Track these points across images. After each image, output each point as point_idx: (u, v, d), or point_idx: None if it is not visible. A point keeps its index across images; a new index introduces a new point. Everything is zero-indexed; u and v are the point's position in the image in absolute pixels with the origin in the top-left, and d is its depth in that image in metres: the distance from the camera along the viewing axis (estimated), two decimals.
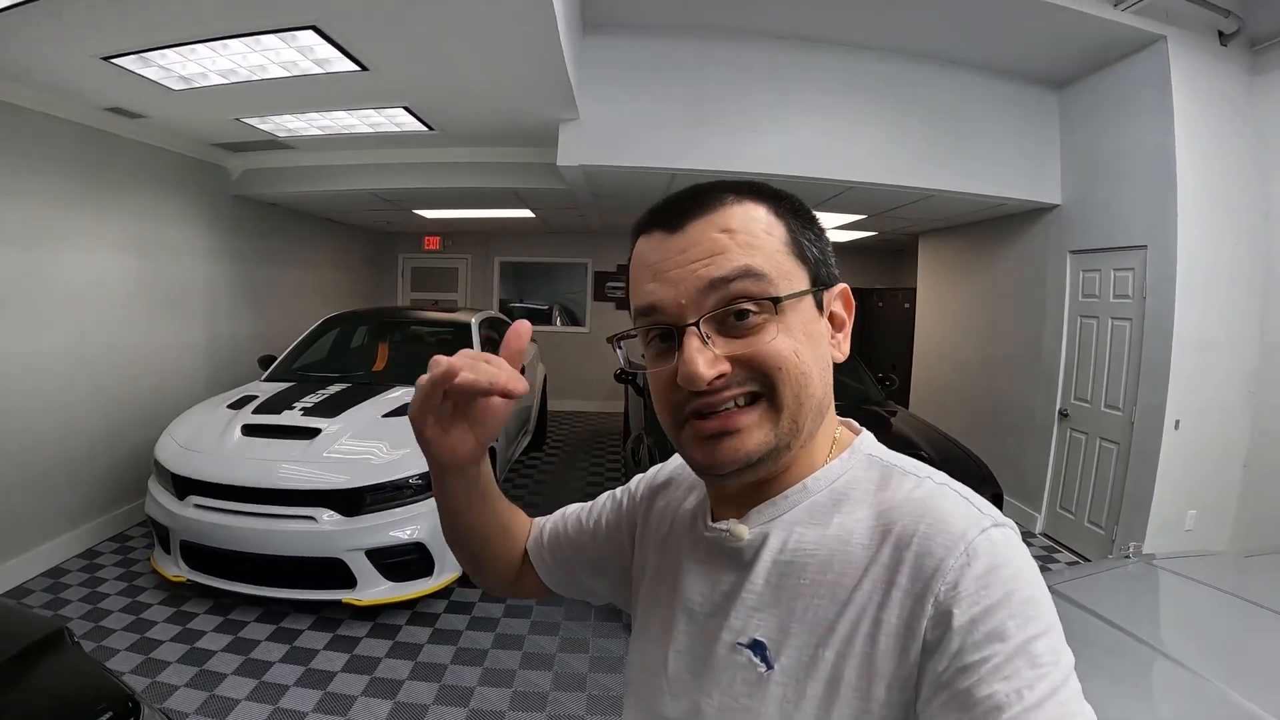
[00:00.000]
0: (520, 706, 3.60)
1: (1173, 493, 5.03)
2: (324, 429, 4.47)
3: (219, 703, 3.48)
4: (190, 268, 6.33)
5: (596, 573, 1.15)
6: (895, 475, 0.81)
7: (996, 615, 0.65)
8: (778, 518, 0.83)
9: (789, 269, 0.80)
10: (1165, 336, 4.95)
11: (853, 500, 0.81)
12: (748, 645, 0.80)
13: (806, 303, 0.81)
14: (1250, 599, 2.36)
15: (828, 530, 0.79)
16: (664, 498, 1.07)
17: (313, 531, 4.06)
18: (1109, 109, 5.42)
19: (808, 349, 0.79)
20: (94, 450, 5.26)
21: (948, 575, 0.68)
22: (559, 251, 11.53)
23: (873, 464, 0.84)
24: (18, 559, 4.62)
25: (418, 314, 7.50)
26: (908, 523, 0.74)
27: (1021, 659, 0.63)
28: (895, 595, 0.71)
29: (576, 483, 7.47)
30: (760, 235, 0.80)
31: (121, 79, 4.19)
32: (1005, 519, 0.74)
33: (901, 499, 0.77)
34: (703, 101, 5.20)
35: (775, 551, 0.82)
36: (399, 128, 5.42)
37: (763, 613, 0.81)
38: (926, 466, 0.83)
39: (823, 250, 0.85)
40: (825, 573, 0.77)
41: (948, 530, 0.71)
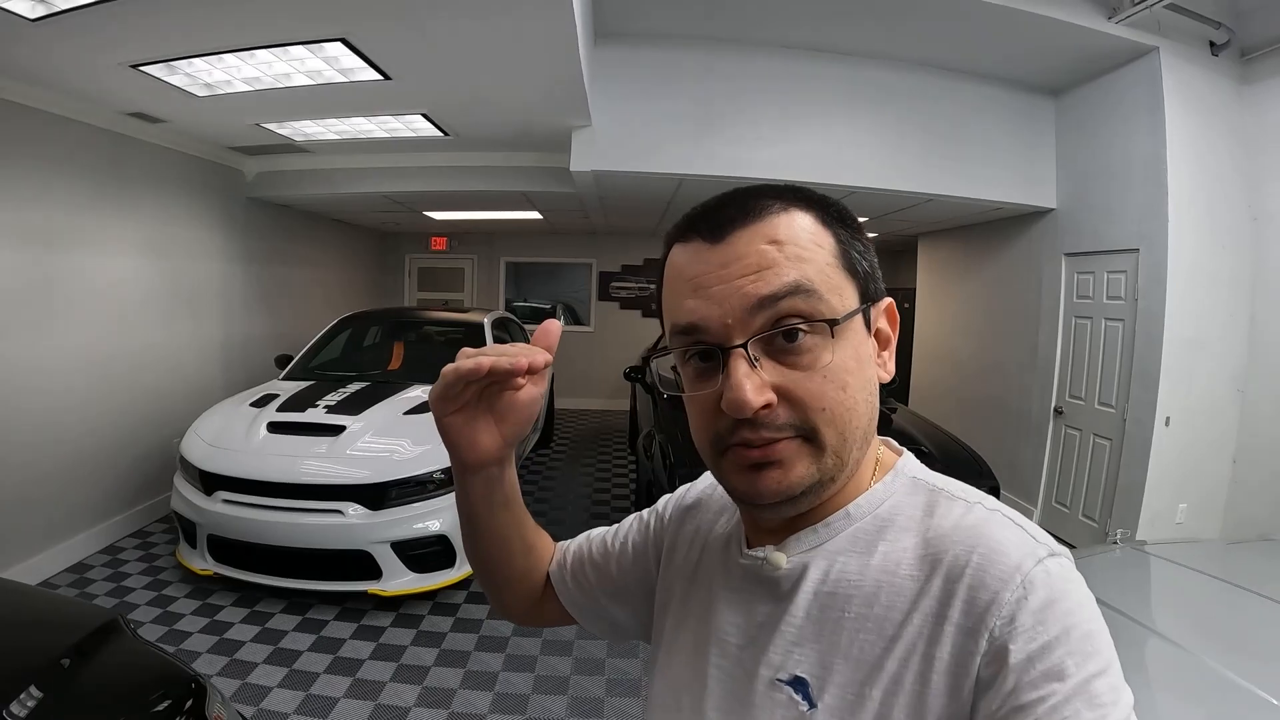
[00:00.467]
0: (543, 690, 3.75)
1: (1164, 487, 5.19)
2: (348, 426, 4.61)
3: (252, 689, 3.61)
4: (205, 269, 6.43)
5: (619, 599, 1.08)
6: (943, 500, 0.77)
7: (1054, 652, 0.62)
8: (819, 546, 0.78)
9: (839, 284, 0.74)
10: (1157, 336, 5.11)
11: (898, 527, 0.76)
12: (788, 682, 0.75)
13: (856, 322, 0.75)
14: (1232, 581, 2.54)
15: (872, 559, 0.75)
16: (693, 521, 1.01)
17: (340, 525, 4.20)
18: (1103, 116, 5.58)
19: (856, 375, 0.73)
20: (114, 447, 5.36)
21: (1003, 609, 0.64)
22: (563, 252, 11.64)
23: (918, 488, 0.79)
24: (41, 555, 4.71)
25: (431, 314, 7.63)
26: (959, 553, 0.69)
27: (1080, 699, 0.60)
28: (947, 630, 0.67)
29: (584, 479, 7.60)
30: (809, 246, 0.74)
31: (148, 85, 4.30)
32: (1060, 547, 0.70)
33: (951, 526, 0.73)
34: (710, 109, 5.34)
35: (817, 582, 0.77)
36: (415, 133, 5.54)
37: (803, 647, 0.76)
38: (974, 490, 0.78)
39: (872, 263, 0.79)
40: (871, 605, 0.72)
41: (1002, 561, 0.67)
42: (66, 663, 1.93)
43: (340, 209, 8.49)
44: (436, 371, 0.77)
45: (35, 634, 2.08)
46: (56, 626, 2.13)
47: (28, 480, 4.61)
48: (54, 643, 1.99)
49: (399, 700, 3.60)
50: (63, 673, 1.89)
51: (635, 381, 7.22)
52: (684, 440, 4.78)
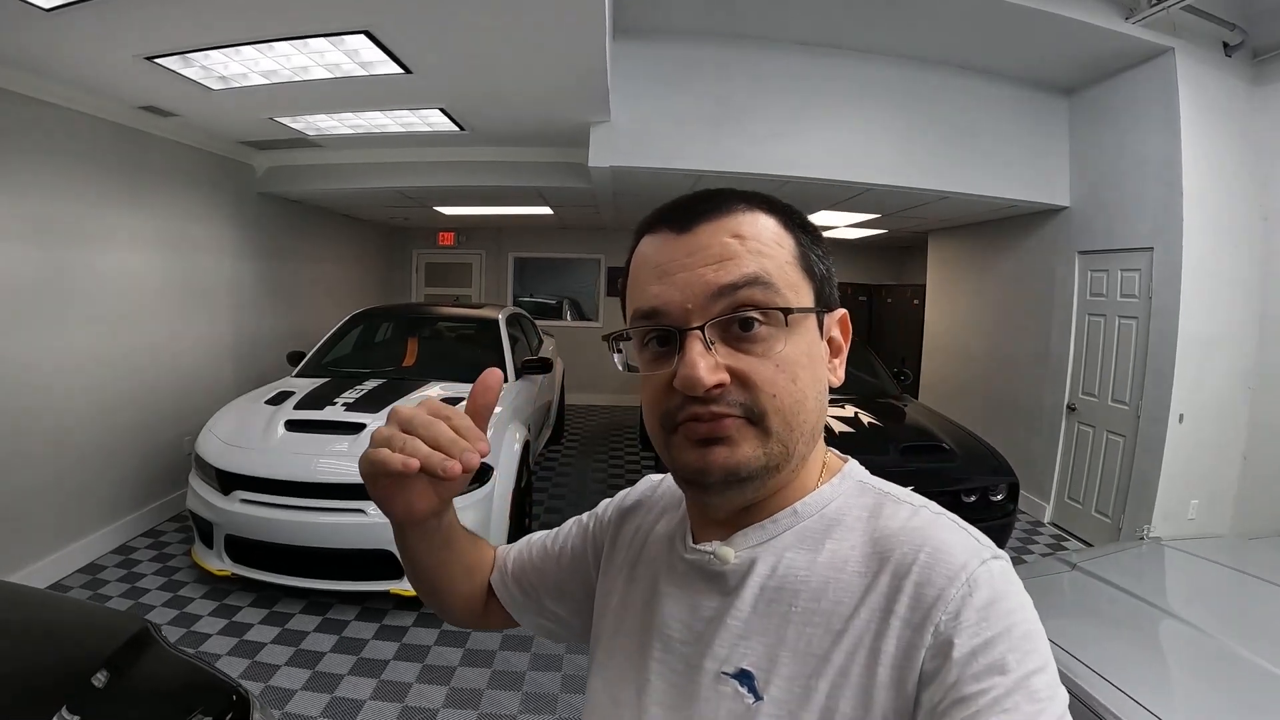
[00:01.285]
0: (571, 689, 3.73)
1: (1176, 483, 5.23)
2: (369, 424, 4.55)
3: (276, 692, 3.57)
4: (216, 264, 6.38)
5: (561, 600, 1.09)
6: (889, 503, 0.79)
7: (997, 648, 0.64)
8: (766, 541, 0.80)
9: (797, 282, 0.77)
10: (1170, 334, 5.14)
11: (845, 526, 0.78)
12: (734, 675, 0.77)
13: (810, 322, 0.78)
14: (1251, 573, 2.67)
15: (819, 556, 0.77)
16: (633, 522, 1.03)
17: (362, 524, 4.15)
18: (1117, 115, 5.60)
19: (807, 370, 0.76)
20: (126, 446, 5.30)
21: (949, 605, 0.67)
22: (572, 247, 11.62)
23: (864, 490, 0.82)
24: (54, 555, 4.66)
25: (444, 310, 7.58)
26: (907, 551, 0.72)
27: (1021, 693, 0.62)
28: (894, 624, 0.69)
29: (597, 473, 7.60)
30: (770, 244, 0.77)
31: (161, 78, 4.24)
32: (1001, 551, 0.73)
33: (899, 527, 0.75)
34: (726, 105, 5.33)
35: (764, 576, 0.78)
36: (430, 127, 5.51)
37: (750, 640, 0.77)
38: (917, 495, 0.81)
39: (828, 270, 0.82)
40: (819, 600, 0.74)
41: (949, 560, 0.70)
42: (100, 680, 1.79)
43: (350, 204, 8.45)
44: (454, 368, 0.73)
45: (62, 647, 1.94)
46: (83, 638, 2.00)
47: (37, 479, 4.55)
48: (83, 657, 1.87)
49: (427, 701, 3.56)
50: (96, 691, 1.76)
51: None
52: None
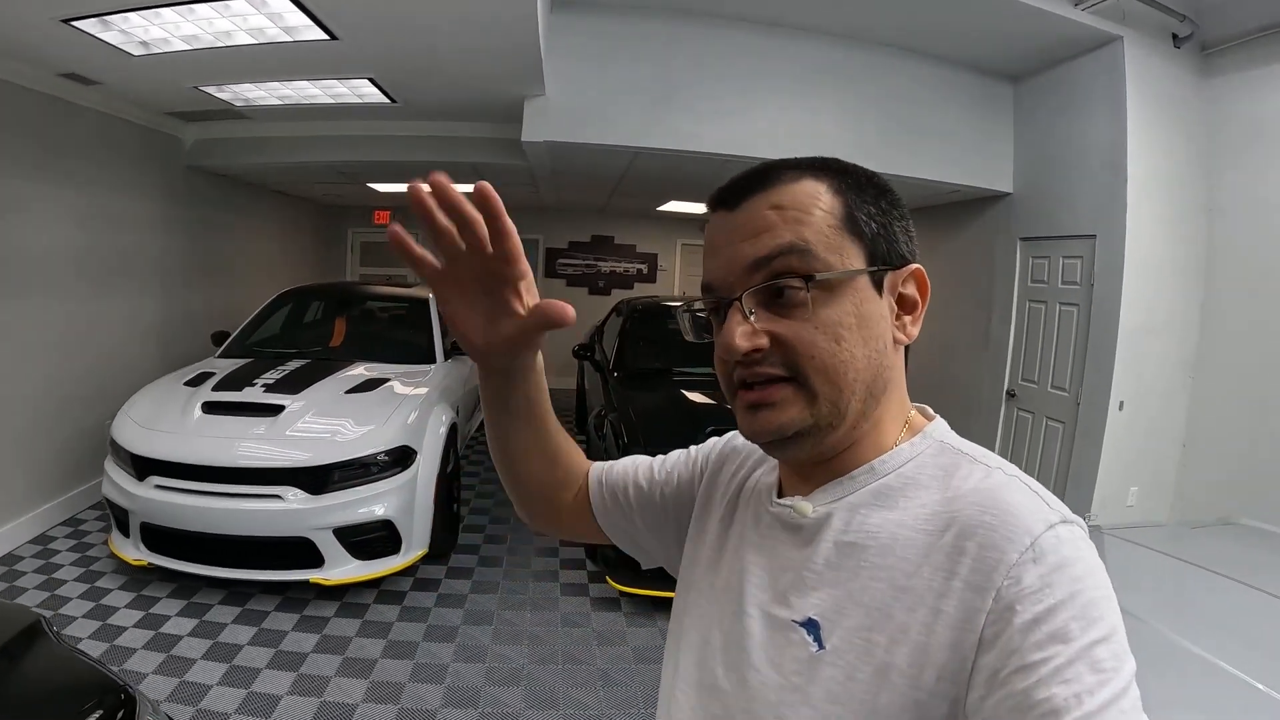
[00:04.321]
0: (496, 681, 3.62)
1: (1116, 470, 5.25)
2: (287, 406, 4.39)
3: (191, 688, 3.42)
4: (141, 240, 6.15)
5: (654, 524, 1.12)
6: (965, 463, 0.79)
7: (1060, 615, 0.63)
8: (843, 498, 0.81)
9: (839, 245, 0.78)
10: (1111, 322, 5.14)
11: (920, 485, 0.79)
12: (802, 623, 0.78)
13: (860, 282, 0.79)
14: (1193, 561, 2.63)
15: (892, 514, 0.77)
16: (732, 465, 1.05)
17: (279, 510, 4.00)
18: (1063, 103, 5.57)
19: (855, 331, 0.77)
20: (43, 430, 5.09)
21: (1011, 570, 0.66)
22: None
23: (944, 450, 0.82)
24: None
25: (374, 289, 7.42)
26: (973, 513, 0.72)
27: (1083, 663, 0.61)
28: (955, 585, 0.69)
29: None
30: (811, 211, 0.78)
31: (80, 43, 4.03)
32: (1075, 516, 0.71)
33: (970, 488, 0.75)
34: (668, 82, 5.21)
35: (838, 531, 0.80)
36: (361, 99, 5.33)
37: (820, 592, 0.78)
38: (995, 455, 0.80)
39: (886, 226, 0.81)
40: (886, 556, 0.75)
41: (1014, 524, 0.69)
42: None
43: (282, 179, 8.27)
44: (380, 348, 0.73)
45: None
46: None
47: None
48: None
49: (346, 696, 3.43)
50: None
51: (584, 360, 7.08)
52: (637, 419, 4.66)
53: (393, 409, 4.53)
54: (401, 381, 5.00)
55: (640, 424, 4.64)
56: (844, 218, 0.79)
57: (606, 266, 11.87)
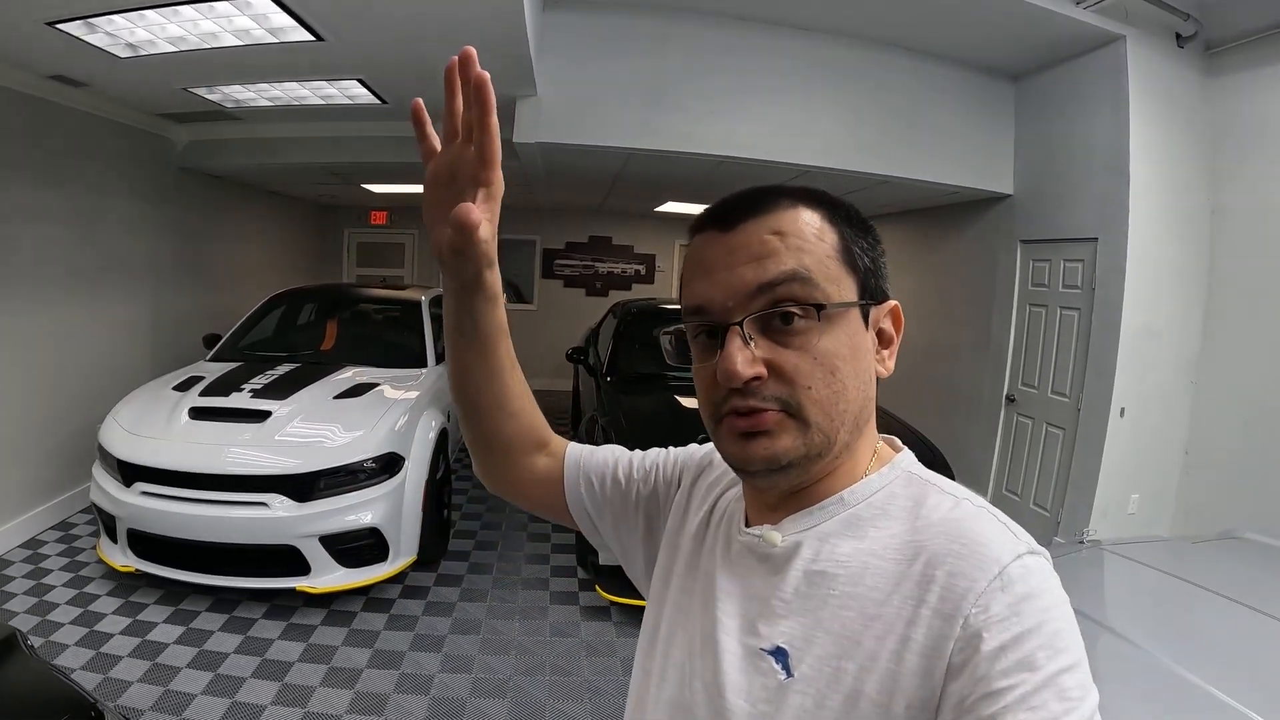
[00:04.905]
0: (482, 693, 3.56)
1: (1116, 477, 5.15)
2: (274, 411, 4.35)
3: (175, 698, 3.38)
4: (133, 243, 6.11)
5: (622, 520, 1.12)
6: (933, 494, 0.79)
7: (1027, 644, 0.64)
8: (812, 528, 0.82)
9: (838, 276, 0.79)
10: (1113, 326, 5.05)
11: (889, 516, 0.79)
12: (770, 651, 0.78)
13: (853, 315, 0.80)
14: (1195, 581, 2.52)
15: (862, 544, 0.78)
16: (711, 474, 1.05)
17: (265, 518, 3.96)
18: (1065, 103, 5.49)
19: (849, 363, 0.79)
20: (32, 434, 5.06)
21: (980, 598, 0.67)
22: (506, 228, 10.91)
23: (912, 481, 0.82)
24: None
25: (366, 291, 7.36)
26: (942, 542, 0.73)
27: (1050, 691, 0.62)
28: (924, 613, 0.70)
29: None
30: (811, 240, 0.79)
31: (66, 45, 3.99)
32: (1040, 547, 0.73)
33: (939, 518, 0.76)
34: (662, 82, 5.14)
35: (807, 561, 0.80)
36: (351, 100, 5.28)
37: (789, 620, 0.78)
38: (963, 488, 0.81)
39: (875, 261, 0.84)
40: (856, 585, 0.75)
41: (982, 554, 0.70)
42: None
43: (276, 181, 8.24)
44: (371, 352, 0.72)
45: None
46: None
47: None
48: None
49: (329, 707, 3.38)
50: None
51: (579, 364, 7.02)
52: (628, 425, 4.60)
53: (381, 414, 4.48)
54: (391, 386, 4.95)
55: (632, 429, 4.58)
56: (842, 250, 0.81)
57: (604, 267, 11.80)
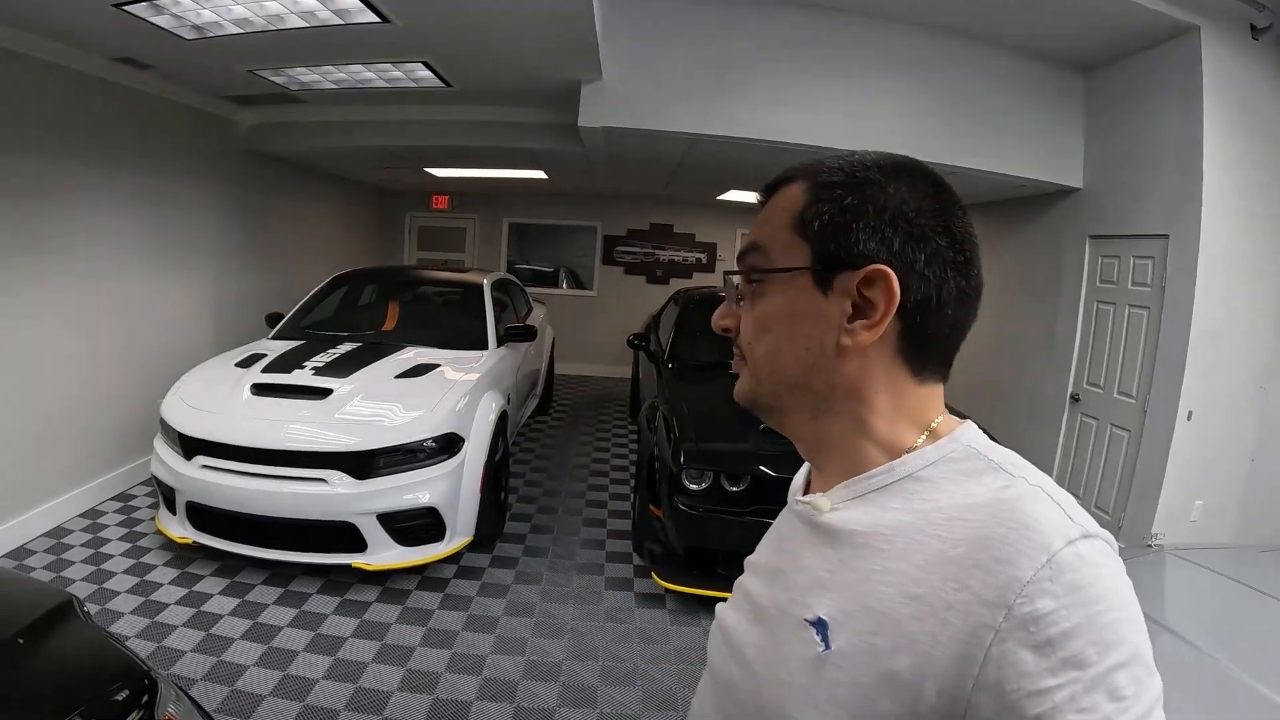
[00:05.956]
0: (534, 675, 3.56)
1: (1181, 483, 5.01)
2: (335, 389, 4.39)
3: (227, 668, 3.43)
4: (197, 223, 6.23)
5: None
6: (989, 471, 0.75)
7: (1076, 640, 0.61)
8: (859, 496, 0.80)
9: (787, 244, 0.82)
10: (1183, 326, 4.90)
11: (940, 490, 0.75)
12: (813, 622, 0.77)
13: (799, 281, 0.81)
14: (1263, 590, 2.43)
15: (907, 518, 0.75)
16: None
17: (323, 494, 3.99)
18: (1136, 95, 5.34)
19: (785, 326, 0.83)
20: (96, 407, 5.16)
21: (1025, 587, 0.63)
22: (568, 214, 11.40)
23: (970, 455, 0.78)
24: (19, 519, 4.52)
25: (428, 274, 7.41)
26: (989, 524, 0.69)
27: (1101, 691, 0.59)
28: (964, 598, 0.66)
29: (582, 446, 7.40)
30: (779, 212, 0.85)
31: (133, 27, 4.03)
32: (1099, 530, 0.68)
33: (990, 498, 0.72)
34: (727, 67, 5.10)
35: (852, 531, 0.78)
36: (416, 83, 5.29)
37: (832, 592, 0.77)
38: (1024, 463, 0.77)
39: (842, 225, 0.79)
40: (899, 561, 0.73)
41: (1032, 538, 0.66)
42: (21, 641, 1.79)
43: (339, 164, 8.32)
44: (433, 333, 0.73)
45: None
46: (5, 604, 1.98)
47: (3, 440, 4.40)
48: (4, 621, 1.84)
49: (381, 684, 3.41)
50: (17, 650, 1.76)
51: (639, 350, 7.01)
52: (689, 411, 4.57)
53: (441, 395, 4.50)
54: (452, 367, 4.96)
55: (693, 415, 4.54)
56: (796, 216, 0.82)
57: (665, 255, 11.68)
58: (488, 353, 5.45)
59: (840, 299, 0.79)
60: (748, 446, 4.12)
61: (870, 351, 0.80)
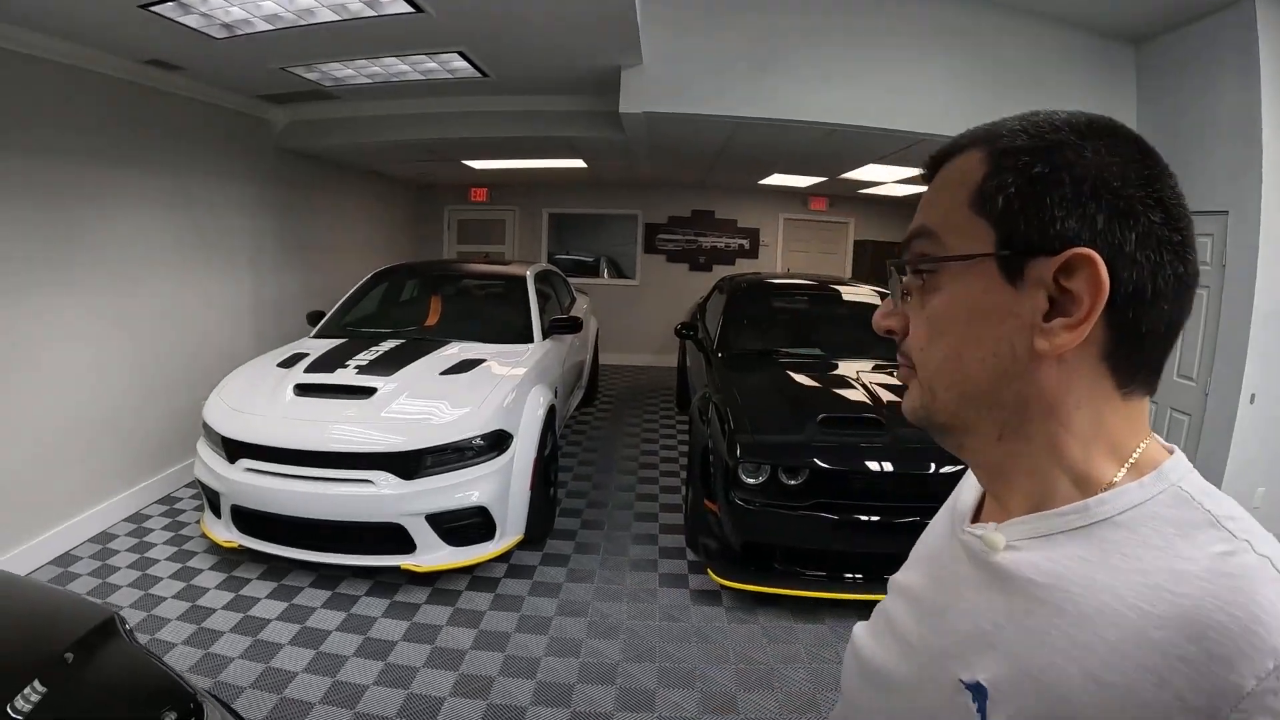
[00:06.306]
0: (589, 678, 3.46)
1: (1244, 468, 4.84)
2: (380, 388, 4.32)
3: (276, 675, 3.37)
4: (234, 223, 6.22)
5: None
6: (1205, 528, 0.61)
7: None
8: (1043, 536, 0.67)
9: (964, 225, 0.68)
10: (1244, 306, 4.74)
11: (1144, 544, 0.61)
12: (970, 685, 0.67)
13: (981, 270, 0.67)
14: None
15: (1101, 574, 0.62)
16: None
17: (370, 495, 3.92)
18: (1190, 67, 5.16)
19: (963, 327, 0.69)
20: (140, 409, 5.14)
21: (1243, 702, 0.51)
22: (608, 203, 11.32)
23: (1180, 501, 0.63)
24: (64, 525, 4.50)
25: (470, 267, 7.37)
26: (1206, 605, 0.55)
27: None
28: (1164, 699, 0.54)
29: (629, 437, 7.31)
30: (948, 188, 0.71)
31: (161, 28, 3.99)
32: None
33: (1205, 567, 0.58)
34: (770, 47, 4.99)
35: (1030, 579, 0.65)
36: (452, 75, 5.21)
37: (997, 651, 0.66)
38: (1248, 519, 0.63)
39: (1029, 200, 0.65)
40: (1084, 630, 0.60)
41: (1258, 636, 0.52)
42: (69, 658, 1.74)
43: (376, 159, 8.31)
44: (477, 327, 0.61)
45: (32, 627, 1.91)
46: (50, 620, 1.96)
47: (49, 446, 4.40)
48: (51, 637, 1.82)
49: (433, 689, 3.33)
50: (67, 668, 1.72)
51: (687, 339, 6.90)
52: (743, 402, 4.46)
53: (488, 391, 4.41)
54: (498, 362, 4.88)
55: (746, 408, 4.43)
56: (974, 192, 0.68)
57: (707, 242, 11.55)
58: (533, 346, 5.37)
59: (1034, 291, 0.65)
60: (804, 438, 4.02)
61: (1070, 357, 0.65)
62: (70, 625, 1.89)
